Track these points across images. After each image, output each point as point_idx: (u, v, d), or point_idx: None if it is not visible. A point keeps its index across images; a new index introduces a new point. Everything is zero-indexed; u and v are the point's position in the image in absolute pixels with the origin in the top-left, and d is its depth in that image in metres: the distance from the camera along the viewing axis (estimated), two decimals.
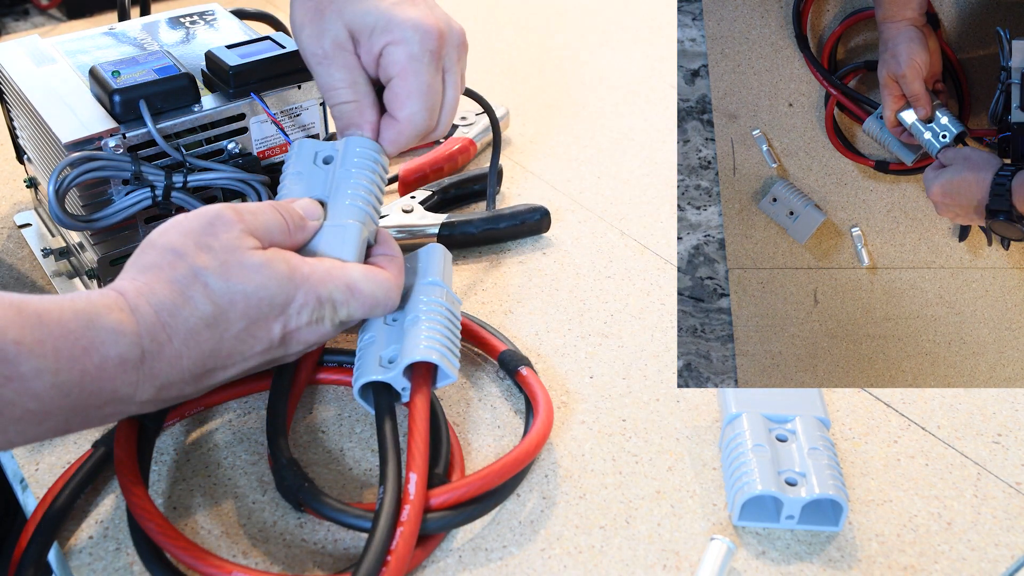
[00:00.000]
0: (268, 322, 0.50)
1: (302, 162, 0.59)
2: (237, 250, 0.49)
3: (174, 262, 0.48)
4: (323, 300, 0.51)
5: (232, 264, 0.48)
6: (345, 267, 0.53)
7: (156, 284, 0.47)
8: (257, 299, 0.49)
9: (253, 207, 0.52)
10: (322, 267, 0.52)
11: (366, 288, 0.53)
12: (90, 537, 0.53)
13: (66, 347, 0.43)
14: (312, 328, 0.52)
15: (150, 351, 0.46)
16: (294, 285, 0.50)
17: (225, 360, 0.49)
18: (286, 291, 0.49)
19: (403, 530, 0.49)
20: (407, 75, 0.57)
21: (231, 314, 0.48)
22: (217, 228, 0.49)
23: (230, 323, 0.48)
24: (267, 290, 0.49)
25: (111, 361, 0.45)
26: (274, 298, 0.49)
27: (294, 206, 0.54)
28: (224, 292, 0.48)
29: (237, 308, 0.48)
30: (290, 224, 0.53)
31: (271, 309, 0.49)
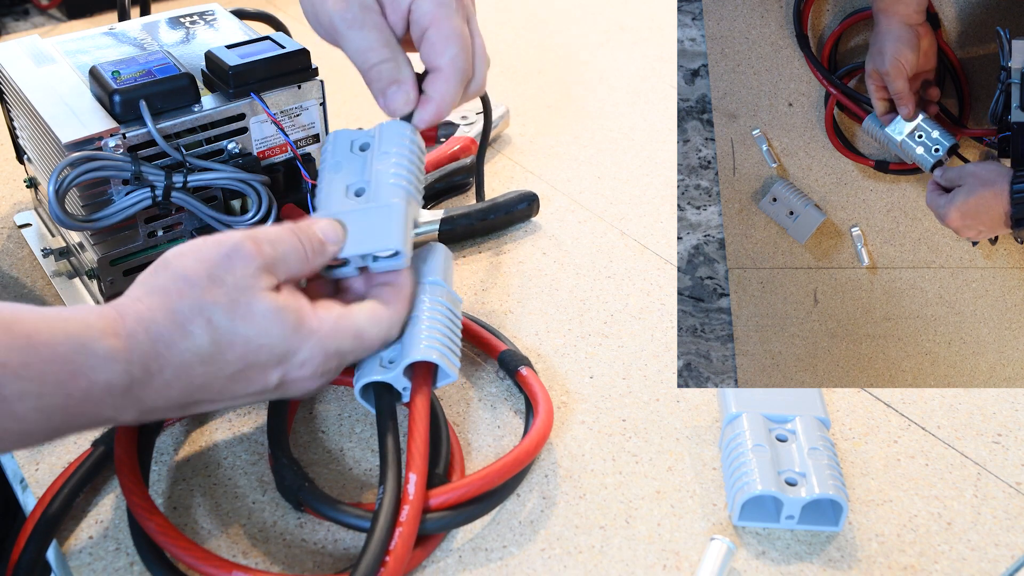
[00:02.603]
0: (266, 369, 0.49)
1: (339, 152, 0.58)
2: (249, 290, 0.48)
3: (183, 290, 0.47)
4: (330, 354, 0.50)
5: (241, 304, 0.47)
6: (352, 314, 0.51)
7: (159, 311, 0.46)
8: (257, 345, 0.48)
9: (273, 235, 0.51)
10: (330, 318, 0.50)
11: (372, 332, 0.52)
12: (90, 537, 0.53)
13: (53, 371, 0.43)
14: (315, 379, 0.51)
15: (139, 379, 0.45)
16: (300, 338, 0.49)
17: (215, 395, 0.48)
18: (289, 343, 0.48)
19: (402, 530, 0.49)
20: (440, 21, 0.56)
21: (228, 355, 0.47)
22: (234, 262, 0.48)
23: (226, 363, 0.47)
24: (270, 338, 0.48)
25: (98, 387, 0.44)
26: (275, 347, 0.48)
27: (314, 229, 0.53)
28: (226, 331, 0.47)
29: (236, 350, 0.47)
30: (308, 250, 0.52)
31: (270, 358, 0.48)
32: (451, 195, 0.81)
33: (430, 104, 0.57)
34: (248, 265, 0.48)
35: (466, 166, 0.81)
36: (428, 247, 0.60)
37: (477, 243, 0.76)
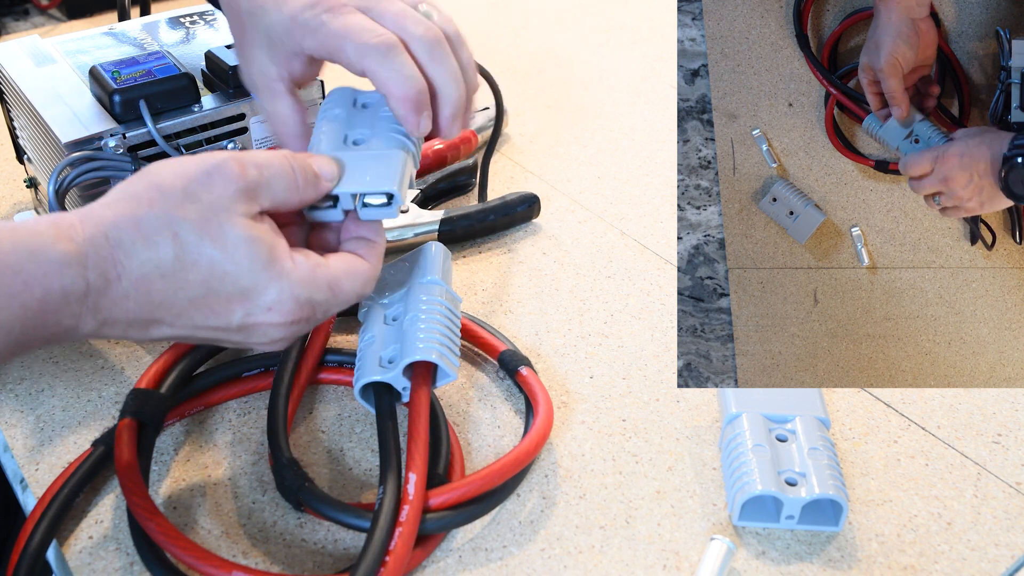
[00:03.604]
0: (229, 302, 0.46)
1: (340, 104, 0.57)
2: (224, 211, 0.45)
3: (154, 200, 0.45)
4: (301, 302, 0.47)
5: (213, 224, 0.45)
6: (328, 264, 0.49)
7: (124, 218, 0.44)
8: (223, 271, 0.45)
9: (263, 158, 0.48)
10: (306, 264, 0.48)
11: (348, 285, 0.49)
12: (90, 537, 0.53)
13: (4, 283, 0.41)
14: (283, 328, 0.48)
15: (95, 285, 0.43)
16: (268, 277, 0.46)
17: (174, 318, 0.45)
18: (256, 278, 0.46)
19: (402, 531, 0.49)
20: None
21: (191, 275, 0.44)
22: (214, 180, 0.45)
23: (188, 283, 0.45)
24: (237, 266, 0.45)
25: (54, 295, 0.42)
26: (241, 278, 0.45)
27: (311, 161, 0.50)
28: (192, 249, 0.44)
29: (199, 271, 0.45)
30: (300, 180, 0.49)
31: (235, 290, 0.45)
32: (453, 195, 0.81)
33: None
34: (228, 185, 0.45)
35: (468, 167, 0.81)
36: (426, 246, 0.60)
37: (477, 243, 0.76)
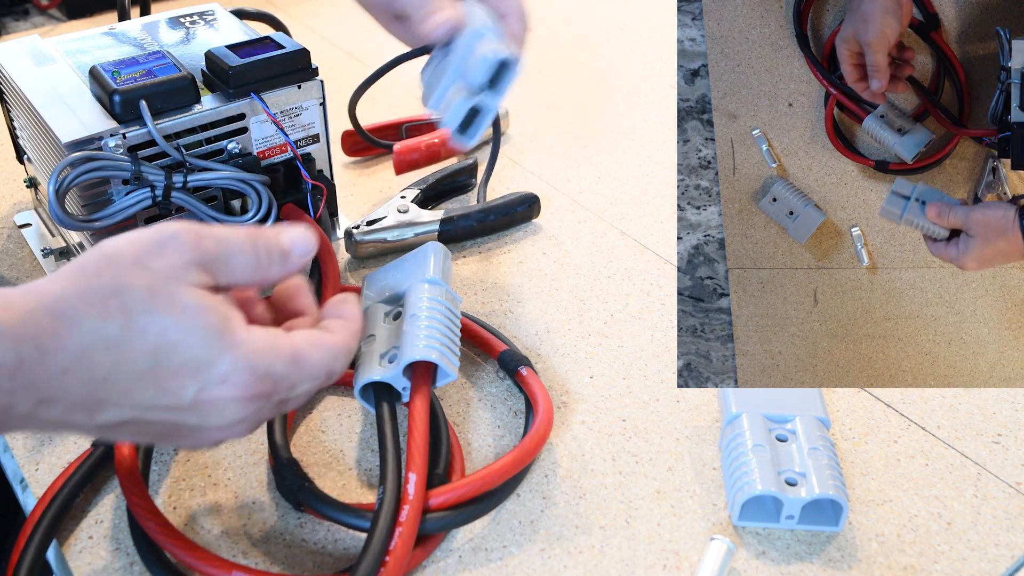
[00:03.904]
0: (180, 376, 0.42)
1: None
2: (175, 280, 0.43)
3: (102, 269, 0.42)
4: (259, 374, 0.43)
5: (163, 292, 0.42)
6: (289, 336, 0.46)
7: (71, 289, 0.42)
8: (172, 340, 0.42)
9: (223, 234, 0.45)
10: (263, 336, 0.44)
11: (313, 357, 0.46)
12: (90, 537, 0.53)
13: None
14: (241, 404, 0.44)
15: (30, 357, 0.40)
16: (221, 347, 0.42)
17: (120, 396, 0.42)
18: (208, 349, 0.42)
19: (401, 531, 0.49)
20: None
21: (137, 345, 0.41)
22: (166, 249, 0.43)
23: (134, 357, 0.41)
24: (188, 335, 0.42)
25: None
26: (192, 349, 0.42)
27: (281, 237, 0.47)
28: (140, 316, 0.41)
29: (147, 341, 0.41)
30: (263, 260, 0.46)
31: (185, 361, 0.42)
32: (453, 195, 0.81)
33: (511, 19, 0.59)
34: (181, 255, 0.43)
35: (468, 166, 0.81)
36: (426, 246, 0.60)
37: (477, 243, 0.76)
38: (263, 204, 0.63)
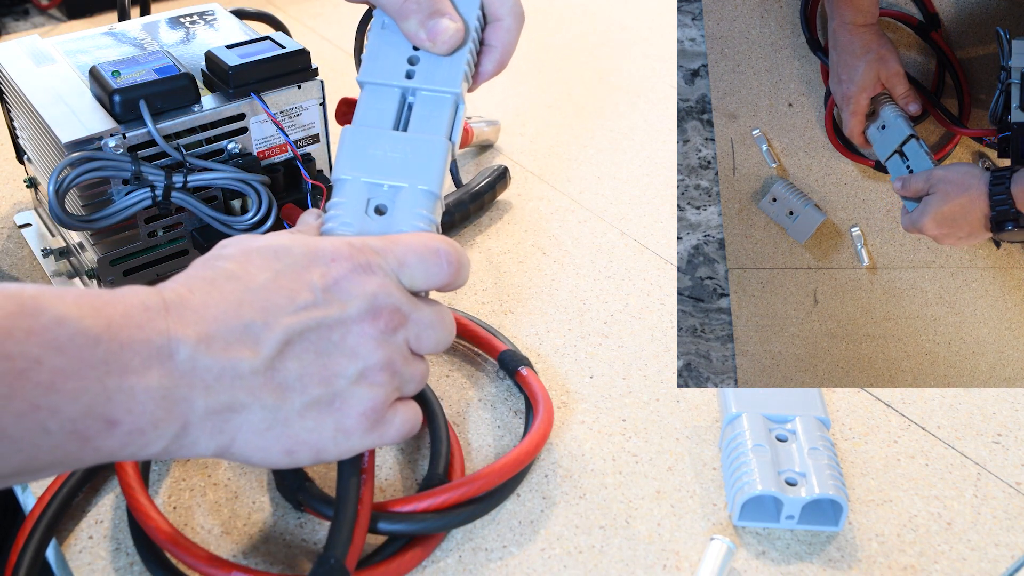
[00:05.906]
0: (299, 273, 0.46)
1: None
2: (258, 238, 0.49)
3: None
4: (355, 246, 0.47)
5: (258, 237, 0.48)
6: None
7: (187, 269, 0.47)
8: (274, 251, 0.47)
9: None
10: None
11: (405, 236, 0.50)
12: (90, 537, 0.53)
13: (88, 298, 0.41)
14: (357, 274, 0.47)
15: (172, 300, 0.43)
16: (317, 240, 0.48)
17: (262, 315, 0.44)
18: (307, 244, 0.47)
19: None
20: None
21: (250, 267, 0.46)
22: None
23: (252, 276, 0.46)
24: (291, 242, 0.47)
25: (135, 308, 0.42)
26: (293, 248, 0.47)
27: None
28: (243, 251, 0.47)
29: (255, 262, 0.46)
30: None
31: (297, 260, 0.46)
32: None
33: (493, 52, 0.57)
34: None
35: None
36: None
37: (477, 243, 0.76)
38: (263, 204, 0.63)
